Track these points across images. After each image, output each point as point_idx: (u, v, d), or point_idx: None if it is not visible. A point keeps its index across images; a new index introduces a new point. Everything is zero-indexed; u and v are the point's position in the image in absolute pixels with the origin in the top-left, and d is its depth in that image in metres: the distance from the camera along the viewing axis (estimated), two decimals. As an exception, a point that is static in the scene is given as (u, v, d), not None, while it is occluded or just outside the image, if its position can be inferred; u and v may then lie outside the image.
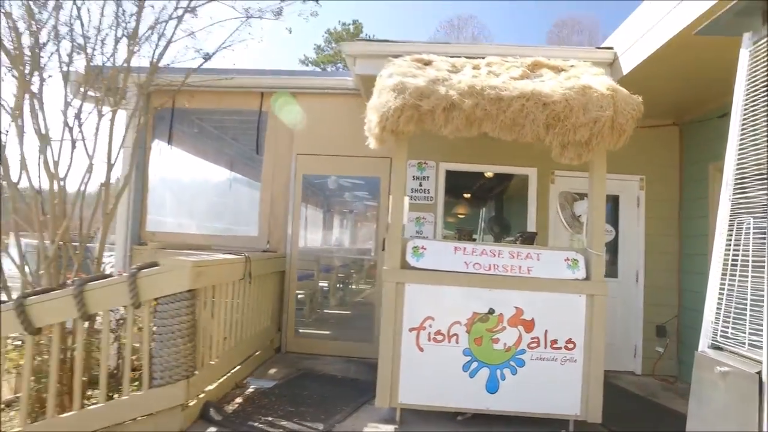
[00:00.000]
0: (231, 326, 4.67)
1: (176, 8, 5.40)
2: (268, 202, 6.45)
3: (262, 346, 5.69)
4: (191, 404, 3.80)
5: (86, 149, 5.15)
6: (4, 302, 3.59)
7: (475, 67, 4.56)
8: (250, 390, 4.69)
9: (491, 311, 3.97)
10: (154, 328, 3.65)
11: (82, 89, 5.31)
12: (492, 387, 3.92)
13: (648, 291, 6.09)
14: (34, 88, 4.87)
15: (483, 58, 4.81)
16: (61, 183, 4.88)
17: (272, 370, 5.41)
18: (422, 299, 3.96)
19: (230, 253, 4.91)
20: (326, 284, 6.78)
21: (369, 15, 51.76)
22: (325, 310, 6.77)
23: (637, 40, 4.70)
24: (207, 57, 5.57)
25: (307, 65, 38.03)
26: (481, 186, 8.21)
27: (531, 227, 6.17)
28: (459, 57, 4.84)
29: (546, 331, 3.90)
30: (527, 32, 47.25)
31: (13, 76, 4.73)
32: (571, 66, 4.66)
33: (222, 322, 4.43)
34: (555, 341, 3.89)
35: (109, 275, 3.95)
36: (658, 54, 4.36)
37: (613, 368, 6.01)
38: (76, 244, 5.06)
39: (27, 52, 4.91)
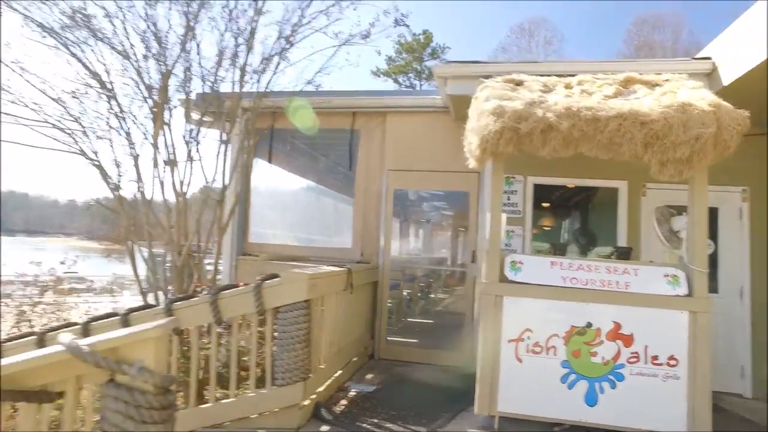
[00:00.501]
0: (335, 333, 5.05)
1: (278, 38, 5.95)
2: (360, 216, 6.85)
3: (358, 352, 6.05)
4: (305, 404, 4.19)
5: (203, 170, 5.79)
6: (153, 306, 4.17)
7: (567, 86, 4.68)
8: (352, 393, 5.04)
9: (589, 325, 4.06)
10: (275, 334, 4.08)
11: (196, 116, 5.97)
12: (591, 400, 4.00)
13: (756, 308, 5.82)
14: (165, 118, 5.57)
15: (573, 75, 4.91)
16: (184, 200, 5.52)
17: (369, 376, 5.75)
18: (520, 312, 4.13)
19: (334, 265, 5.32)
20: (415, 294, 7.07)
21: (437, 23, 52.03)
22: (414, 320, 7.06)
23: (743, 50, 4.60)
24: (309, 82, 6.08)
25: (379, 76, 38.87)
26: (566, 198, 8.17)
27: (621, 241, 6.11)
28: (549, 75, 4.98)
29: (646, 346, 3.94)
30: (604, 32, 45.50)
31: (150, 109, 5.43)
32: (666, 80, 4.66)
33: (328, 330, 4.82)
34: (656, 357, 3.92)
35: (234, 285, 4.44)
36: None
37: (715, 388, 5.79)
38: (195, 254, 5.69)
39: (154, 84, 5.62)
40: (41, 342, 3.79)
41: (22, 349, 3.78)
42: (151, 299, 5.71)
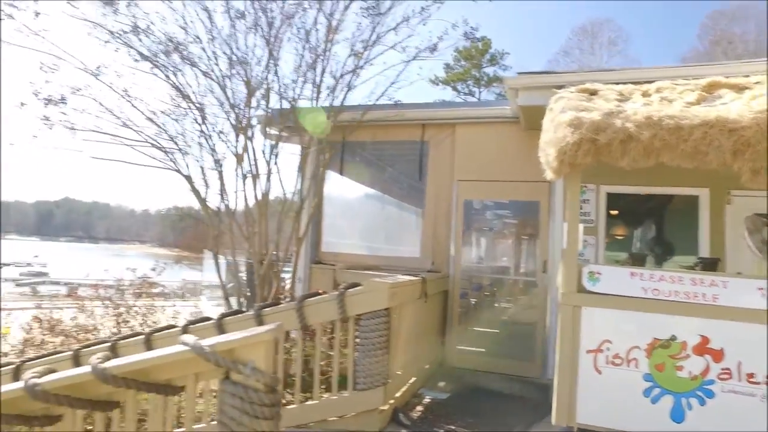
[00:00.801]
0: (410, 341, 5.19)
1: (350, 54, 6.22)
2: (430, 225, 6.97)
3: (430, 360, 6.16)
4: (384, 408, 4.35)
5: (281, 182, 6.13)
6: (243, 311, 4.48)
7: (645, 94, 4.61)
8: (427, 400, 5.15)
9: (673, 338, 3.96)
10: (357, 340, 4.27)
11: (275, 131, 6.33)
12: (677, 416, 3.90)
13: None
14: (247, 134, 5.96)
15: (649, 82, 4.82)
16: (266, 211, 5.87)
17: (441, 383, 5.84)
18: (599, 322, 4.09)
19: (407, 274, 5.47)
20: (485, 303, 7.09)
21: (494, 28, 51.48)
22: (484, 329, 7.06)
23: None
24: (382, 96, 6.32)
25: (437, 84, 38.98)
26: (640, 206, 7.93)
27: (702, 251, 5.88)
28: (624, 83, 4.91)
29: (739, 363, 3.79)
30: (672, 29, 43.31)
31: (234, 126, 5.84)
32: (756, 83, 4.48)
33: (404, 337, 4.96)
34: (752, 375, 3.76)
35: (315, 293, 4.68)
36: None
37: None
38: (276, 263, 6.03)
39: (237, 102, 6.03)
40: (148, 342, 4.17)
41: (133, 347, 4.19)
42: (228, 304, 6.11)
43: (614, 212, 8.68)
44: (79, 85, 5.62)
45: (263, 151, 6.06)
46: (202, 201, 5.78)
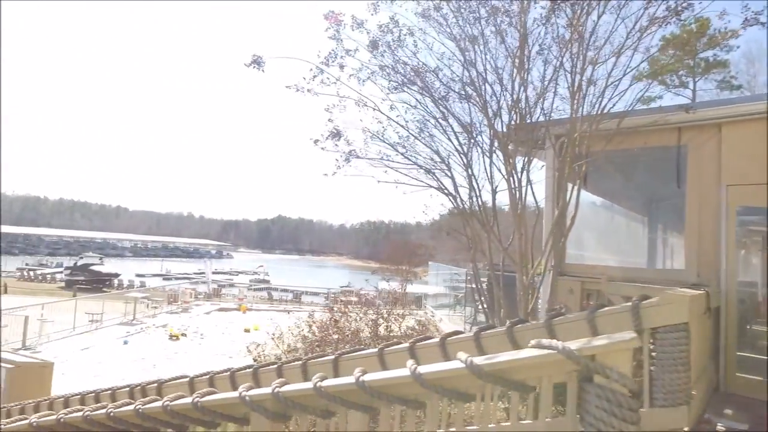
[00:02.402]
0: (694, 360, 4.84)
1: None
2: (694, 235, 6.42)
3: (707, 381, 5.64)
4: (686, 430, 4.12)
5: (534, 195, 6.28)
6: (527, 321, 4.71)
7: None
8: (720, 428, 4.73)
9: None
10: (653, 354, 4.15)
11: (521, 147, 6.53)
12: None
13: None
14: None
15: None
16: (525, 224, 6.08)
17: (727, 410, 5.30)
18: None
19: (666, 287, 5.12)
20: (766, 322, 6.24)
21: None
22: (770, 353, 6.21)
23: None
24: (638, 101, 6.09)
25: (640, 80, 35.46)
26: None
27: None
28: None
29: None
30: None
31: (493, 144, 6.21)
32: None
33: (692, 355, 4.65)
34: None
35: (602, 305, 4.68)
36: None
37: None
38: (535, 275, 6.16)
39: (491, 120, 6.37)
40: (443, 345, 4.64)
41: (430, 348, 4.71)
42: (487, 316, 6.41)
43: None
44: (352, 119, 6.58)
45: (514, 166, 6.31)
46: (465, 214, 6.25)
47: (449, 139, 6.45)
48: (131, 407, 3.36)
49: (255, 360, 7.74)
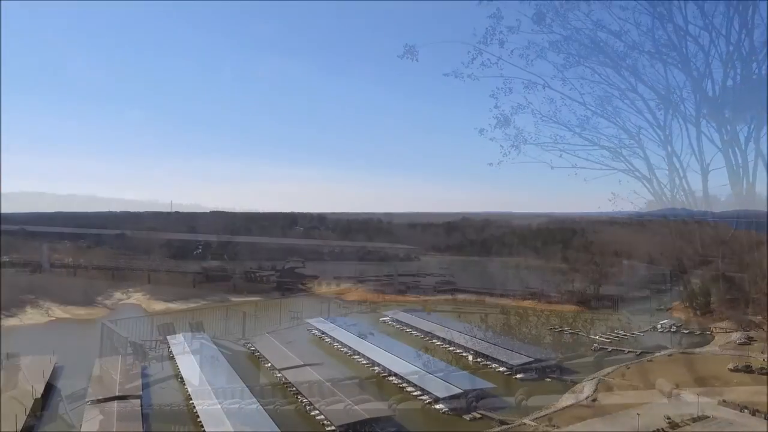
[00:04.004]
0: None
1: None
2: None
3: None
4: None
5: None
6: None
7: None
8: None
9: None
10: None
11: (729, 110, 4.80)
12: None
13: None
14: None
15: None
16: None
17: None
18: None
19: None
20: None
21: None
22: None
23: None
24: None
25: None
26: None
27: None
28: None
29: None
30: None
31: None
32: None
33: None
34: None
35: None
36: None
37: None
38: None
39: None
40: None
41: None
42: None
43: None
44: (521, 102, 5.61)
45: (735, 135, 4.67)
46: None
47: (639, 112, 5.05)
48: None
49: None
